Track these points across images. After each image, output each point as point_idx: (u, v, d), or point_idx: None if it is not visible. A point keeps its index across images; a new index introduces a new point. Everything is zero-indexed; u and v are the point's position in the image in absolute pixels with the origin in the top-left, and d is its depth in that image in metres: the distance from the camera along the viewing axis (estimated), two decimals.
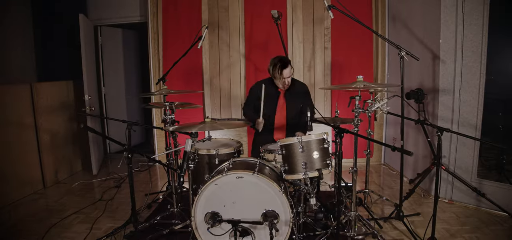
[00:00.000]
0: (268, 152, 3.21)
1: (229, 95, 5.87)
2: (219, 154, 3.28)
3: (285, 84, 3.71)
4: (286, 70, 3.62)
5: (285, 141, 2.83)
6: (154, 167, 5.94)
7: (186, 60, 5.37)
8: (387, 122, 5.69)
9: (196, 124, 2.85)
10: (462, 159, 4.01)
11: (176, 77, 5.67)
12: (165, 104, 3.30)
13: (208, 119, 2.93)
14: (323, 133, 2.82)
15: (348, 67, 5.58)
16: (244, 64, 5.76)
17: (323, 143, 2.80)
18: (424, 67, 4.31)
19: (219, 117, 5.95)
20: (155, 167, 5.96)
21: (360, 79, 2.99)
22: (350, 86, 2.92)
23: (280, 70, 3.60)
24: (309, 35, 5.67)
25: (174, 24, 5.73)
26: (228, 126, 2.97)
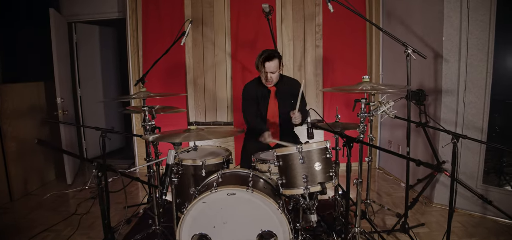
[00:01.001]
0: (261, 162, 2.86)
1: (214, 96, 5.51)
2: (206, 165, 2.93)
3: (267, 80, 3.41)
4: (269, 63, 3.32)
5: (282, 150, 2.49)
6: (134, 174, 5.53)
7: (168, 59, 4.97)
8: (382, 123, 5.42)
9: (180, 133, 2.48)
10: (467, 165, 3.75)
11: (157, 78, 5.27)
12: (144, 108, 2.91)
13: (193, 126, 2.57)
14: (325, 141, 2.49)
15: (341, 67, 5.27)
16: (230, 63, 5.40)
17: (326, 152, 2.47)
18: (424, 66, 4.04)
19: (204, 120, 5.58)
20: (135, 174, 5.55)
21: (366, 80, 2.67)
22: (356, 88, 2.59)
23: (262, 62, 3.34)
24: (300, 32, 5.35)
25: (155, 20, 5.32)
26: (217, 135, 2.59)
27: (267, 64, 3.33)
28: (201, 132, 2.50)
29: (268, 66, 3.33)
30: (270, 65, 3.33)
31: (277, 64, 3.36)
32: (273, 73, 3.37)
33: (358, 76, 5.36)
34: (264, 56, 3.34)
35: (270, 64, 3.33)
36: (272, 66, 3.34)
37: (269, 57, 3.32)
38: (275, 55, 3.35)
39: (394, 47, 4.94)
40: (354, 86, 2.66)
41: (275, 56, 3.35)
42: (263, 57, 3.34)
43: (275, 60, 3.35)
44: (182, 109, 3.56)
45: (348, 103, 5.25)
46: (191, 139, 2.36)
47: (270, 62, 3.33)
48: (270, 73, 3.37)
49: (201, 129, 2.61)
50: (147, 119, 2.91)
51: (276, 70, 3.38)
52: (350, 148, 2.11)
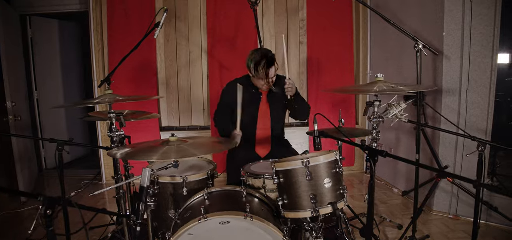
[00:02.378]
0: (254, 177, 2.43)
1: (189, 97, 5.01)
2: (188, 182, 2.46)
3: (269, 85, 2.97)
4: (272, 69, 2.89)
5: (283, 165, 2.06)
6: (100, 186, 4.95)
7: (137, 57, 4.48)
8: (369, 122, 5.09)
9: (156, 148, 1.99)
10: (470, 169, 3.46)
11: (124, 79, 4.73)
12: (111, 115, 2.40)
13: (173, 137, 2.09)
14: (333, 152, 2.08)
15: (327, 64, 4.91)
16: (206, 61, 4.93)
17: (335, 166, 2.06)
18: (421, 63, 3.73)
19: (178, 124, 5.07)
20: (102, 186, 4.97)
21: (380, 78, 2.28)
22: (371, 89, 2.20)
23: (264, 69, 2.84)
24: (282, 28, 4.95)
25: (122, 13, 4.76)
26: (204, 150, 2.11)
27: (271, 70, 2.88)
28: (184, 145, 2.03)
29: (270, 71, 2.88)
30: (272, 71, 2.89)
31: (275, 66, 2.93)
32: (274, 77, 2.96)
33: (344, 74, 5.08)
34: (266, 62, 2.85)
35: (272, 69, 2.89)
36: (273, 71, 2.91)
37: (271, 61, 2.87)
38: (273, 59, 2.91)
39: (384, 44, 4.63)
40: (367, 86, 2.27)
41: (273, 59, 2.91)
42: (264, 63, 2.84)
43: (274, 63, 2.92)
44: (155, 114, 3.06)
45: (335, 104, 4.91)
46: (171, 156, 1.89)
47: (272, 67, 2.89)
48: (272, 78, 2.94)
49: (183, 140, 2.13)
50: (114, 127, 2.40)
51: (275, 72, 2.96)
52: (374, 163, 1.71)
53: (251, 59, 2.90)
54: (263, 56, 2.85)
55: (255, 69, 2.86)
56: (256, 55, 2.88)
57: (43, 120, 5.74)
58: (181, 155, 1.87)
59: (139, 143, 2.20)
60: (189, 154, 1.89)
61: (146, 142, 2.23)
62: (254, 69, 2.87)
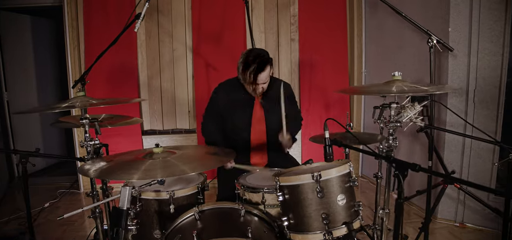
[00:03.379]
0: (251, 191, 2.13)
1: (173, 99, 4.67)
2: (176, 198, 2.14)
3: (259, 92, 2.64)
4: (263, 74, 2.51)
5: (290, 179, 1.77)
6: (78, 195, 4.56)
7: (116, 55, 4.17)
8: (365, 126, 4.85)
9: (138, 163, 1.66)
10: (477, 174, 3.25)
11: (102, 79, 4.36)
12: (84, 121, 2.04)
13: (158, 148, 1.76)
14: (346, 163, 1.79)
15: (320, 63, 4.64)
16: (191, 59, 4.59)
17: (349, 179, 1.78)
18: (423, 61, 3.50)
19: (161, 127, 4.72)
20: (79, 195, 4.58)
21: (398, 77, 2.00)
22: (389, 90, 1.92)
23: (253, 74, 2.49)
24: (273, 24, 4.65)
25: (100, 8, 4.37)
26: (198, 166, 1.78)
27: (261, 76, 2.50)
28: (171, 159, 1.70)
29: (260, 78, 2.52)
30: (262, 76, 2.52)
31: (269, 71, 2.57)
32: (265, 83, 2.61)
33: (338, 73, 4.82)
34: (255, 67, 2.47)
35: (263, 75, 2.52)
36: (265, 76, 2.54)
37: (262, 66, 2.49)
38: (267, 61, 2.54)
39: (380, 41, 4.39)
40: (382, 86, 1.99)
41: (267, 62, 2.53)
42: (254, 69, 2.47)
43: (267, 68, 2.53)
44: (136, 119, 2.70)
45: (328, 105, 4.64)
46: (157, 174, 1.56)
47: (263, 73, 2.51)
48: (263, 85, 2.59)
49: (170, 151, 1.81)
50: (88, 136, 2.05)
51: (268, 78, 2.61)
52: (403, 179, 1.43)
53: (241, 61, 2.55)
54: (254, 59, 2.48)
55: (243, 73, 2.51)
56: (247, 58, 2.52)
57: (14, 123, 5.29)
58: (168, 173, 1.54)
59: (117, 155, 1.86)
60: (178, 172, 1.57)
61: (126, 154, 1.89)
62: (243, 73, 2.52)
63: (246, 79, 2.53)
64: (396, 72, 2.02)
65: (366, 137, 2.33)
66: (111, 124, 2.39)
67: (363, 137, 2.34)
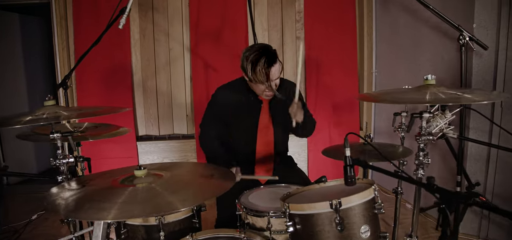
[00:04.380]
0: (255, 215, 1.81)
1: (170, 102, 4.36)
2: (166, 224, 1.83)
3: (271, 93, 2.32)
4: (275, 67, 2.21)
5: (303, 207, 1.45)
6: None
7: (108, 55, 3.92)
8: (375, 130, 4.52)
9: (114, 193, 1.34)
10: (503, 186, 2.92)
11: (93, 81, 4.06)
12: (55, 136, 1.71)
13: (141, 171, 1.44)
14: (370, 186, 1.48)
15: (327, 63, 4.31)
16: (189, 60, 4.27)
17: (374, 205, 1.46)
18: (440, 61, 3.18)
19: (157, 133, 4.41)
20: None
21: (431, 81, 1.68)
22: (420, 97, 1.60)
23: (264, 69, 2.17)
24: (277, 21, 4.33)
25: (90, 5, 4.05)
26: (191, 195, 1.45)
27: (273, 70, 2.20)
28: (157, 187, 1.37)
29: (272, 73, 2.20)
30: (275, 70, 2.21)
31: (279, 65, 2.27)
32: (278, 78, 2.29)
33: (347, 74, 4.46)
34: (265, 61, 2.15)
35: (274, 69, 2.21)
36: (277, 70, 2.23)
37: (272, 59, 2.19)
38: (275, 56, 2.24)
39: (393, 39, 4.06)
40: (414, 93, 1.66)
41: (276, 57, 2.24)
42: (265, 61, 2.15)
43: (278, 62, 2.24)
44: (124, 129, 2.35)
45: (337, 108, 4.32)
46: (137, 210, 1.23)
47: (275, 65, 2.21)
48: (275, 81, 2.27)
49: (157, 174, 1.48)
50: (60, 154, 1.72)
51: (280, 74, 2.30)
52: (451, 212, 1.11)
53: (246, 58, 2.22)
54: (262, 52, 2.19)
55: (253, 70, 2.19)
56: (253, 53, 2.20)
57: (3, 132, 4.98)
58: (152, 208, 1.23)
59: (92, 178, 1.53)
60: (164, 206, 1.25)
61: (104, 174, 1.57)
62: (252, 70, 2.20)
63: (258, 77, 2.20)
64: (429, 75, 1.69)
65: (389, 150, 2.00)
66: (93, 137, 2.06)
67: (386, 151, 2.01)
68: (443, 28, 3.20)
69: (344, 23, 4.31)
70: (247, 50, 2.26)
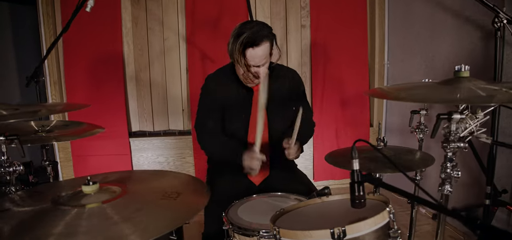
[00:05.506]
0: (243, 233, 1.50)
1: (165, 95, 4.05)
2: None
3: (253, 77, 2.00)
4: (255, 50, 1.89)
5: (295, 235, 1.12)
6: None
7: (99, 46, 3.74)
8: (386, 128, 4.16)
9: (51, 218, 1.03)
10: None
11: (82, 73, 3.79)
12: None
13: (90, 187, 1.13)
14: (385, 207, 1.15)
15: (335, 53, 3.97)
16: (185, 50, 3.96)
17: (388, 230, 1.14)
18: (460, 52, 2.83)
19: (152, 128, 4.11)
20: None
21: (465, 74, 1.34)
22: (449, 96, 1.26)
23: (242, 50, 1.88)
24: (280, 8, 3.99)
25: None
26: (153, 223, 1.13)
27: (250, 52, 1.89)
28: (109, 210, 1.07)
29: (252, 56, 1.90)
30: (255, 53, 1.90)
31: (267, 49, 1.95)
32: (261, 66, 1.97)
33: (357, 65, 4.03)
34: (245, 39, 1.87)
35: (255, 51, 1.89)
36: (259, 54, 1.91)
37: (254, 39, 1.88)
38: (263, 36, 1.92)
39: (406, 27, 3.71)
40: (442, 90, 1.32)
41: (263, 37, 1.91)
42: (243, 40, 1.87)
43: (264, 44, 1.92)
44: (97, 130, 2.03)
45: (345, 102, 3.98)
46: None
47: (257, 48, 1.89)
48: (256, 67, 1.96)
49: (114, 186, 1.17)
50: (4, 159, 1.42)
51: (266, 59, 1.98)
52: None
53: (231, 38, 1.95)
54: (242, 28, 1.91)
55: (232, 47, 1.92)
56: (241, 26, 1.94)
57: None
58: None
59: (34, 193, 1.23)
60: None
61: (53, 186, 1.27)
62: (231, 46, 1.93)
63: (235, 55, 1.92)
64: (462, 66, 1.33)
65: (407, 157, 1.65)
66: (57, 139, 1.76)
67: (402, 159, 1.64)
68: (465, 15, 2.84)
69: (353, 10, 3.96)
70: (235, 29, 1.97)
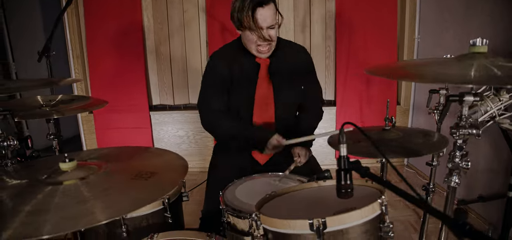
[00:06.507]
0: (236, 215, 1.42)
1: (185, 69, 4.00)
2: (128, 219, 1.49)
3: (264, 41, 1.86)
4: (265, 10, 1.78)
5: (276, 223, 1.03)
6: None
7: (120, 18, 3.75)
8: (414, 107, 3.91)
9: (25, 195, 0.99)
10: None
11: (106, 45, 3.83)
12: None
13: (67, 164, 1.08)
14: (377, 199, 1.02)
15: (361, 26, 3.73)
16: (205, 22, 3.86)
17: (379, 224, 1.01)
18: (497, 26, 2.55)
19: (172, 102, 4.09)
20: None
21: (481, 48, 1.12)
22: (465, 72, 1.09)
23: (251, 10, 1.76)
24: None
25: None
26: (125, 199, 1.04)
27: (261, 12, 1.77)
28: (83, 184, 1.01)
29: (263, 16, 1.78)
30: (266, 13, 1.79)
31: (274, 9, 1.84)
32: (271, 27, 1.85)
33: (384, 38, 3.78)
34: (253, 1, 1.76)
35: (265, 11, 1.78)
36: (270, 13, 1.80)
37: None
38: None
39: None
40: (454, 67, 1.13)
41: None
42: (251, 3, 1.75)
43: (271, 3, 1.81)
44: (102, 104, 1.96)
45: (370, 78, 3.77)
46: (44, 225, 0.88)
47: (266, 6, 1.78)
48: (269, 29, 1.84)
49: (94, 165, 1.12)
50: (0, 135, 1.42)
51: (275, 21, 1.86)
52: None
53: (233, 4, 1.84)
54: None
55: (239, 13, 1.79)
56: None
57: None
58: (65, 224, 0.87)
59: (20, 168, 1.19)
60: (83, 219, 0.89)
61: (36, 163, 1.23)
62: (237, 17, 1.81)
63: (244, 20, 1.80)
64: (477, 39, 1.13)
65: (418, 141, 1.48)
66: (57, 113, 1.73)
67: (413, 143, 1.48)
68: None
69: None
70: None
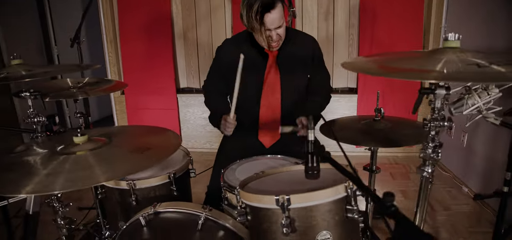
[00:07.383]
0: (231, 191, 1.54)
1: (211, 54, 4.15)
2: (139, 189, 1.66)
3: (272, 42, 1.96)
4: (273, 14, 1.84)
5: (250, 198, 1.14)
6: None
7: (150, 5, 3.93)
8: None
9: (41, 162, 1.16)
10: None
11: (134, 33, 4.05)
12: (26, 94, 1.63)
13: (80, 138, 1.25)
14: (343, 184, 1.10)
15: (386, 14, 3.70)
16: (230, 9, 3.97)
17: (345, 207, 1.09)
18: None
19: (198, 85, 4.26)
20: None
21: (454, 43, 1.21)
22: (433, 66, 1.13)
23: (259, 16, 1.83)
24: None
25: None
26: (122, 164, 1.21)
27: (269, 16, 1.84)
28: (92, 154, 1.18)
29: (271, 20, 1.85)
30: (274, 17, 1.85)
31: (281, 9, 1.90)
32: (279, 27, 1.92)
33: (409, 26, 3.72)
34: (260, 6, 1.81)
35: (273, 15, 1.84)
36: (278, 16, 1.86)
37: (268, 3, 1.83)
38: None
39: None
40: (421, 62, 1.17)
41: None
42: (258, 8, 1.81)
43: (278, 5, 1.86)
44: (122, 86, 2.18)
45: None
46: (56, 184, 1.06)
47: (273, 11, 1.84)
48: (277, 29, 1.91)
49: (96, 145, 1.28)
50: (31, 112, 1.65)
51: (283, 19, 1.93)
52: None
53: (242, 6, 1.90)
54: None
55: (247, 14, 1.86)
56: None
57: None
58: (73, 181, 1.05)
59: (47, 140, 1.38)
60: (87, 178, 1.07)
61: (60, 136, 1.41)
62: (247, 15, 1.87)
63: (252, 23, 1.88)
64: (450, 34, 1.19)
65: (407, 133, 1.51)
66: (86, 93, 1.93)
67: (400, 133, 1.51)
68: None
69: None
70: None
